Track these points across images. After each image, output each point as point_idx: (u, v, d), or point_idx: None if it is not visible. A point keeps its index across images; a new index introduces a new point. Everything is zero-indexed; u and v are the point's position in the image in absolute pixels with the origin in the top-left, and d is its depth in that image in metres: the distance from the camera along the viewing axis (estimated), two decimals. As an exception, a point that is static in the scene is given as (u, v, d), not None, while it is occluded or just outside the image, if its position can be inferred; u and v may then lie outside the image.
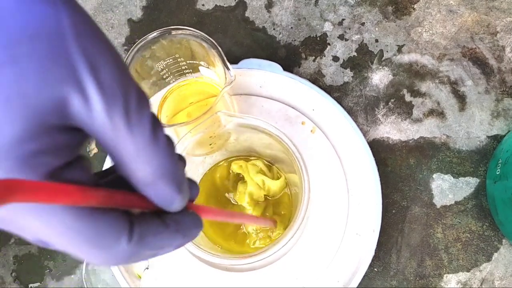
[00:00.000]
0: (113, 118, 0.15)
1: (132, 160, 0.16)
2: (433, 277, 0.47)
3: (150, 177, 0.17)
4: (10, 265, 0.49)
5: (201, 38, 0.37)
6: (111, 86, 0.15)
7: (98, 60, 0.15)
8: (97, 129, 0.15)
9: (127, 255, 0.16)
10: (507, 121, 0.49)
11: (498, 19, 0.51)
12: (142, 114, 0.16)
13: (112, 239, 0.16)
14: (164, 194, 0.17)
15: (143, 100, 0.16)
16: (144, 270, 0.44)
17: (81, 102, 0.14)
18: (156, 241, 0.17)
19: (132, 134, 0.15)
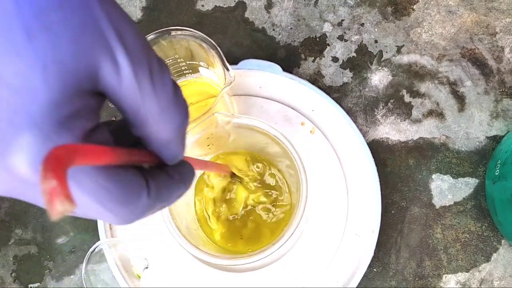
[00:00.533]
0: (140, 80, 0.16)
1: (155, 120, 0.17)
2: (432, 278, 0.47)
3: (170, 136, 0.18)
4: (10, 265, 0.49)
5: (201, 38, 0.38)
6: (137, 51, 0.16)
7: (123, 26, 0.15)
8: (123, 92, 0.16)
9: (145, 209, 0.17)
10: (506, 121, 0.49)
11: (497, 19, 0.52)
12: (164, 76, 0.17)
13: (136, 195, 0.17)
14: (176, 150, 0.19)
15: (163, 64, 0.17)
16: (143, 269, 0.44)
17: (111, 67, 0.15)
18: (168, 193, 0.19)
19: (156, 95, 0.16)
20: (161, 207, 0.19)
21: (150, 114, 0.17)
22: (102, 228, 0.45)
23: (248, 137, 0.41)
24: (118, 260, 0.45)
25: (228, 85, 0.36)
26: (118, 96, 0.16)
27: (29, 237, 0.49)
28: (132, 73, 0.15)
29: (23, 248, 0.49)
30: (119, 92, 0.16)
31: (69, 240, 0.49)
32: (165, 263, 0.45)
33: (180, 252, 0.44)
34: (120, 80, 0.15)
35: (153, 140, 0.18)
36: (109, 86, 0.16)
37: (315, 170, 0.46)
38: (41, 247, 0.49)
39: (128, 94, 0.16)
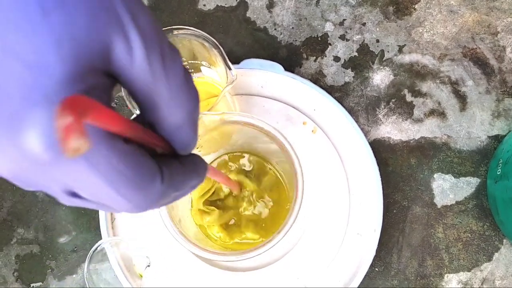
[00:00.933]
0: (151, 63, 0.16)
1: (166, 104, 0.17)
2: (434, 277, 0.47)
3: (181, 121, 0.17)
4: (12, 265, 0.49)
5: (203, 38, 0.38)
6: (149, 34, 0.16)
7: (137, 8, 0.15)
8: (135, 74, 0.16)
9: (159, 195, 0.17)
10: (507, 121, 0.49)
11: (499, 19, 0.52)
12: (175, 61, 0.17)
13: (150, 180, 0.16)
14: (187, 137, 0.18)
15: (175, 49, 0.17)
16: (145, 268, 0.44)
17: (124, 47, 0.15)
18: (181, 180, 0.18)
19: (168, 78, 0.16)
20: (175, 196, 0.19)
21: (161, 97, 0.17)
22: (104, 227, 0.45)
23: (244, 136, 0.41)
24: (120, 259, 0.45)
25: (230, 84, 0.36)
26: (130, 78, 0.16)
27: (31, 237, 0.49)
28: (145, 55, 0.15)
29: (25, 248, 0.49)
30: (131, 74, 0.16)
31: (71, 239, 0.49)
32: (167, 262, 0.45)
33: (182, 251, 0.44)
34: (132, 61, 0.15)
35: (165, 125, 0.18)
36: (122, 66, 0.16)
37: (316, 170, 0.46)
38: (43, 247, 0.49)
39: (139, 76, 0.16)
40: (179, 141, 0.18)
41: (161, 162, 0.17)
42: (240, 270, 0.44)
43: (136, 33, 0.15)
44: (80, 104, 0.12)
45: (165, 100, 0.17)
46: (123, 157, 0.15)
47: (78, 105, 0.12)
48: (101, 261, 0.46)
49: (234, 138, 0.42)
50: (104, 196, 0.16)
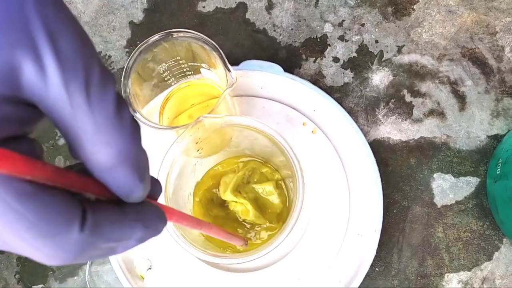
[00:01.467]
0: (71, 91, 0.14)
1: (91, 140, 0.14)
2: (434, 277, 0.47)
3: (111, 161, 0.15)
4: (13, 267, 0.49)
5: (202, 40, 0.38)
6: (71, 57, 0.14)
7: (58, 28, 0.14)
8: (52, 103, 0.14)
9: (80, 246, 0.15)
10: (507, 120, 0.49)
11: (497, 19, 0.52)
12: (105, 90, 0.14)
13: (61, 225, 0.14)
14: (124, 181, 0.16)
15: (107, 76, 0.15)
16: (146, 270, 0.44)
17: (35, 71, 0.13)
18: (113, 231, 0.16)
19: (92, 110, 0.14)
20: (111, 249, 0.17)
21: (84, 132, 0.14)
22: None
23: (244, 138, 0.41)
24: (122, 261, 0.45)
25: (230, 86, 0.36)
26: (46, 107, 0.14)
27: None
28: (62, 82, 0.13)
29: (26, 250, 0.49)
30: (46, 102, 0.14)
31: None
32: (168, 263, 0.45)
33: (183, 252, 0.44)
34: (46, 89, 0.13)
35: (93, 165, 0.15)
36: (35, 94, 0.14)
37: (316, 170, 0.46)
38: None
39: (56, 106, 0.14)
40: (114, 185, 0.16)
41: (88, 206, 0.15)
42: (241, 271, 0.44)
43: (51, 54, 0.13)
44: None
45: (89, 135, 0.14)
46: (22, 197, 0.13)
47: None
48: (102, 263, 0.46)
49: (234, 140, 0.42)
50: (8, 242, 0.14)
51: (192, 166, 0.44)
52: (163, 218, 0.18)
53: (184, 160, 0.39)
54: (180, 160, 0.38)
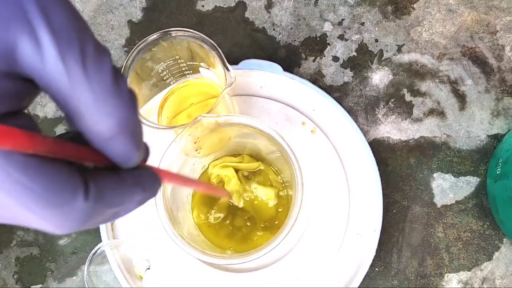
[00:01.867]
0: (68, 64, 0.14)
1: (90, 111, 0.15)
2: (434, 277, 0.47)
3: (110, 130, 0.15)
4: (12, 267, 0.49)
5: (201, 39, 0.38)
6: (65, 30, 0.14)
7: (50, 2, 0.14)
8: (49, 77, 0.14)
9: (86, 214, 0.15)
10: (507, 120, 0.49)
11: (498, 18, 0.51)
12: (101, 62, 0.15)
13: (67, 195, 0.14)
14: (123, 150, 0.16)
15: (101, 48, 0.15)
16: (145, 270, 0.44)
17: (31, 45, 0.13)
18: (115, 196, 0.16)
19: (90, 82, 0.14)
20: (114, 214, 0.17)
21: (82, 104, 0.15)
22: (104, 230, 0.45)
23: (243, 137, 0.41)
24: (120, 261, 0.45)
25: (229, 86, 0.36)
26: (44, 81, 0.14)
27: (31, 239, 0.49)
28: (58, 55, 0.14)
29: (25, 250, 0.49)
30: (44, 76, 0.14)
31: (71, 241, 0.49)
32: (167, 264, 0.45)
33: (181, 252, 0.44)
34: (43, 62, 0.14)
35: (92, 135, 0.15)
36: (31, 68, 0.14)
37: (316, 170, 0.46)
38: (43, 249, 0.49)
39: (54, 79, 0.14)
40: (114, 153, 0.16)
41: (89, 176, 0.15)
42: (240, 271, 0.44)
43: (46, 29, 0.13)
44: None
45: (88, 107, 0.15)
46: (26, 170, 0.13)
47: None
48: (101, 263, 0.46)
49: (233, 139, 0.42)
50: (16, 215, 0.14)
51: (191, 166, 0.44)
52: (158, 179, 0.19)
53: (183, 160, 0.39)
54: (179, 159, 0.38)
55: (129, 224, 0.46)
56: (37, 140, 0.13)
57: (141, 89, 0.40)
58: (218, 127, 0.37)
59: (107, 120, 0.15)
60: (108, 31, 0.54)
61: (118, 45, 0.53)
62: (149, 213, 0.45)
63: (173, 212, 0.37)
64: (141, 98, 0.40)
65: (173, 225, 0.35)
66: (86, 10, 0.54)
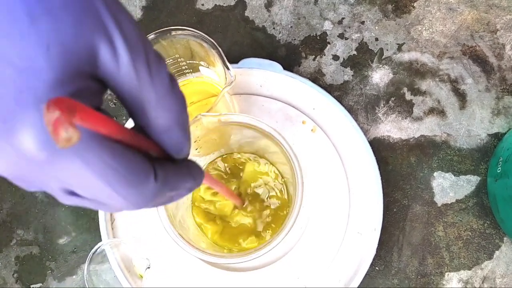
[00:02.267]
0: (137, 68, 0.16)
1: (153, 107, 0.17)
2: (435, 275, 0.47)
3: (168, 123, 0.18)
4: (12, 266, 0.49)
5: (201, 38, 0.37)
6: (134, 39, 0.16)
7: (121, 15, 0.16)
8: (123, 79, 0.16)
9: (154, 194, 0.18)
10: (507, 119, 0.49)
11: (498, 17, 0.51)
12: (160, 66, 0.18)
13: (143, 177, 0.17)
14: (177, 140, 0.19)
15: (160, 55, 0.18)
16: (145, 269, 0.44)
17: (109, 52, 0.16)
18: (175, 181, 0.19)
19: (154, 83, 0.17)
20: (170, 197, 0.20)
21: (147, 101, 0.17)
22: (103, 228, 0.45)
23: (243, 136, 0.41)
24: (120, 260, 0.45)
25: (228, 85, 0.36)
26: (117, 83, 0.17)
27: (31, 238, 0.49)
28: (130, 60, 0.16)
29: (25, 249, 0.49)
30: (118, 78, 0.16)
31: (71, 240, 0.49)
32: (167, 262, 0.45)
33: (181, 252, 0.44)
34: (118, 66, 0.16)
35: (153, 128, 0.18)
36: (109, 71, 0.16)
37: (316, 169, 0.46)
38: (43, 248, 0.49)
39: (126, 80, 0.16)
40: (169, 144, 0.19)
41: (155, 162, 0.18)
42: (240, 270, 0.44)
43: (121, 39, 0.16)
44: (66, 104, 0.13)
45: (152, 104, 0.17)
46: (115, 155, 0.16)
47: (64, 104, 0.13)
48: (101, 262, 0.46)
49: (233, 138, 0.42)
50: (100, 194, 0.17)
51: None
52: (203, 171, 0.22)
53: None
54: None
55: (129, 223, 0.46)
56: (122, 129, 0.16)
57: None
58: (218, 126, 0.36)
59: (166, 114, 0.18)
60: (108, 30, 0.53)
61: (118, 44, 0.53)
62: (149, 212, 0.45)
63: (173, 211, 0.37)
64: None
65: (173, 224, 0.35)
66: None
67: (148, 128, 0.18)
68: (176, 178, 0.19)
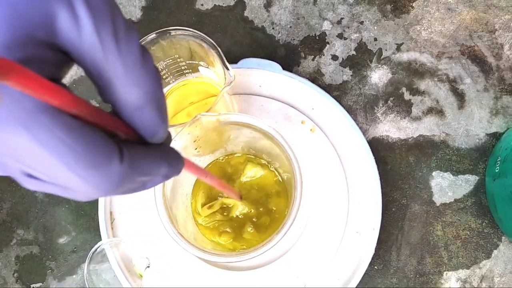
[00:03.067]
0: (102, 36, 0.15)
1: (122, 81, 0.16)
2: (433, 275, 0.47)
3: (139, 100, 0.16)
4: (12, 266, 0.49)
5: (201, 38, 0.38)
6: (99, 6, 0.15)
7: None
8: (85, 48, 0.15)
9: (120, 178, 0.16)
10: (506, 118, 0.49)
11: (497, 17, 0.52)
12: (130, 36, 0.16)
13: (105, 157, 0.15)
14: (150, 120, 0.17)
15: (130, 24, 0.16)
16: (145, 269, 0.44)
17: (69, 18, 0.14)
18: (145, 165, 0.17)
19: (121, 54, 0.16)
20: (143, 183, 0.18)
21: (115, 74, 0.16)
22: (103, 228, 0.45)
23: (242, 136, 0.41)
24: (120, 260, 0.45)
25: (228, 85, 0.36)
26: (80, 52, 0.15)
27: (31, 237, 0.49)
28: (93, 28, 0.15)
29: (25, 249, 0.49)
30: (80, 48, 0.15)
31: (71, 240, 0.49)
32: (166, 262, 0.45)
33: (181, 251, 0.44)
34: (80, 34, 0.15)
35: (122, 105, 0.16)
36: (69, 39, 0.15)
37: (315, 169, 0.46)
38: (43, 247, 0.49)
39: (89, 50, 0.15)
40: (141, 124, 0.17)
41: (121, 143, 0.16)
42: (239, 269, 0.44)
43: (82, 5, 0.14)
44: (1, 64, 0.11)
45: (120, 77, 0.16)
46: (70, 131, 0.14)
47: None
48: (101, 261, 0.46)
49: (233, 138, 0.42)
50: (58, 175, 0.15)
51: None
52: (182, 159, 0.20)
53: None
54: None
55: (129, 223, 0.46)
56: (80, 102, 0.14)
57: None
58: (218, 126, 0.37)
59: (136, 90, 0.16)
60: (108, 30, 0.54)
61: (117, 44, 0.53)
62: (149, 211, 0.45)
63: (173, 211, 0.37)
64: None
65: (173, 223, 0.35)
66: (86, 9, 0.54)
67: (117, 106, 0.17)
68: (147, 162, 0.17)
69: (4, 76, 0.11)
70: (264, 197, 0.44)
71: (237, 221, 0.44)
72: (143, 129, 0.17)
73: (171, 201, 0.37)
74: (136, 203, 0.46)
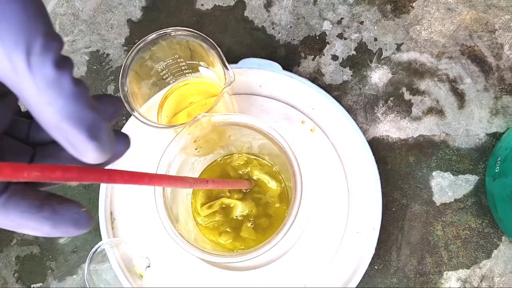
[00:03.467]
0: (14, 62, 0.15)
1: (35, 101, 0.16)
2: (433, 274, 0.47)
3: (53, 118, 0.17)
4: (12, 266, 0.49)
5: (201, 38, 0.38)
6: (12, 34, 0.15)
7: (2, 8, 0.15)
8: (2, 73, 0.16)
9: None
10: (506, 118, 0.49)
11: (497, 17, 0.52)
12: (45, 57, 0.16)
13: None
14: (72, 138, 0.17)
15: (49, 43, 0.16)
16: (145, 269, 0.44)
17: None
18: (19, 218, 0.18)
19: (34, 76, 0.16)
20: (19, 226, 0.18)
21: (29, 95, 0.16)
22: (104, 228, 0.45)
23: (242, 136, 0.41)
24: (121, 260, 0.45)
25: (228, 85, 0.36)
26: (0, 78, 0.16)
27: (31, 238, 0.49)
28: (5, 56, 0.15)
29: (25, 249, 0.49)
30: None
31: (71, 240, 0.49)
32: (167, 262, 0.45)
33: (181, 251, 0.44)
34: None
35: (42, 124, 0.17)
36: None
37: (315, 169, 0.46)
38: (43, 248, 0.49)
39: (5, 75, 0.16)
40: (64, 143, 0.17)
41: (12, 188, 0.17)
42: (239, 269, 0.44)
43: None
44: None
45: (33, 97, 0.16)
46: None
47: None
48: (101, 261, 0.46)
49: (233, 138, 0.42)
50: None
51: (191, 165, 0.44)
52: (79, 224, 0.19)
53: (183, 158, 0.39)
54: (179, 158, 0.38)
55: (129, 223, 0.46)
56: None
57: (141, 88, 0.40)
58: (218, 126, 0.37)
59: (48, 109, 0.17)
60: (108, 30, 0.54)
61: (117, 44, 0.53)
62: (149, 211, 0.45)
63: (173, 211, 0.37)
64: (141, 97, 0.40)
65: (173, 223, 0.35)
66: (86, 9, 0.54)
67: (39, 122, 0.17)
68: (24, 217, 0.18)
69: None
70: (265, 198, 0.44)
71: (237, 221, 0.44)
72: (67, 148, 0.17)
73: (171, 201, 0.37)
74: (136, 203, 0.46)
